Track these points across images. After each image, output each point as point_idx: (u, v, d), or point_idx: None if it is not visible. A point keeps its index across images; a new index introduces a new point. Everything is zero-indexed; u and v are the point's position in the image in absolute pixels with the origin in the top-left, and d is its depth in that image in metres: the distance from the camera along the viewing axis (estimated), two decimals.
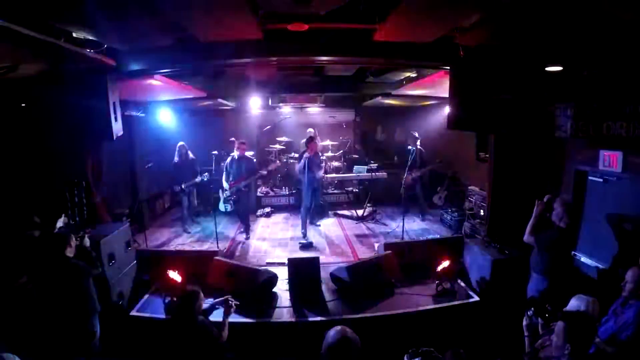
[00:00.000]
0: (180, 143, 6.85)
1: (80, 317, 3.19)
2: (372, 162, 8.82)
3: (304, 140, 6.87)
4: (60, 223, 4.22)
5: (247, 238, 6.56)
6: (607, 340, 2.45)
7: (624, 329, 2.44)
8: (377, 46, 3.90)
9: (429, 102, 8.38)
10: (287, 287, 4.48)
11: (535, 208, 3.59)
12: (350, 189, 8.79)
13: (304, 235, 6.38)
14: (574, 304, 2.49)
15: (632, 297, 2.52)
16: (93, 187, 5.25)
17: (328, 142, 9.19)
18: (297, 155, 8.79)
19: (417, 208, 7.60)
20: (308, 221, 6.47)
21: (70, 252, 3.25)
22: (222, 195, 6.50)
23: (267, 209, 8.16)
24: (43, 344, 2.99)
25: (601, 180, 4.04)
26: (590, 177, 4.20)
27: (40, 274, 3.16)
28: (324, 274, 4.62)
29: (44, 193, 4.58)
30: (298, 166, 6.46)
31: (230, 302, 3.27)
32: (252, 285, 4.30)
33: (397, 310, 4.13)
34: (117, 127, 4.10)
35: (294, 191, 8.53)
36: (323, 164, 6.83)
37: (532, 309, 2.55)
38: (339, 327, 1.80)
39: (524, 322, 2.57)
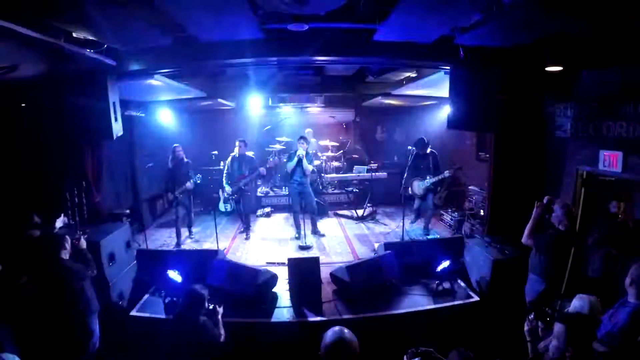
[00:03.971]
0: (175, 145, 6.33)
1: (76, 317, 3.19)
2: (372, 162, 8.83)
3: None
4: (59, 223, 4.22)
5: (247, 238, 6.56)
6: (601, 340, 2.45)
7: (615, 329, 2.43)
8: (377, 46, 3.90)
9: (429, 102, 8.39)
10: (287, 287, 4.48)
11: (535, 210, 3.57)
12: (350, 189, 8.79)
13: (298, 238, 6.35)
14: (576, 304, 2.49)
15: (631, 295, 2.51)
16: (93, 187, 5.26)
17: (328, 142, 9.19)
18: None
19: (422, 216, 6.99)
20: (303, 225, 6.27)
21: (65, 254, 3.25)
22: (222, 195, 6.49)
23: (267, 209, 8.16)
24: (42, 344, 2.99)
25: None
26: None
27: (37, 275, 3.16)
28: (324, 274, 4.61)
29: (44, 193, 4.58)
30: (288, 164, 6.25)
31: (217, 305, 3.28)
32: (252, 285, 4.30)
33: (397, 310, 4.13)
34: (117, 127, 4.10)
35: None
36: (312, 167, 6.32)
37: (533, 313, 2.55)
38: (336, 328, 1.80)
39: (526, 327, 2.57)
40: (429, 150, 6.42)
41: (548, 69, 4.05)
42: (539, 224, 3.53)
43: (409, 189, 6.54)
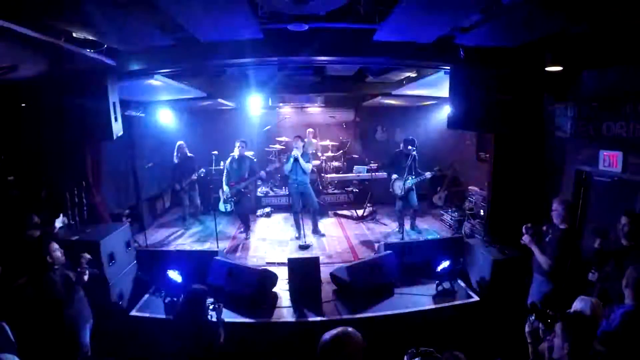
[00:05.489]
0: (179, 142, 7.07)
1: (65, 326, 3.14)
2: (372, 162, 8.82)
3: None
4: (59, 223, 4.21)
5: (247, 238, 6.56)
6: (598, 340, 2.45)
7: (610, 330, 2.43)
8: (377, 46, 3.90)
9: (429, 102, 8.39)
10: (287, 287, 4.48)
11: (528, 238, 3.50)
12: (350, 189, 8.79)
13: (298, 238, 6.37)
14: (577, 305, 2.48)
15: (627, 297, 2.50)
16: (93, 187, 5.25)
17: (328, 142, 9.19)
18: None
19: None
20: (303, 225, 6.34)
21: (54, 258, 3.18)
22: (222, 196, 6.50)
23: (267, 209, 8.16)
24: (40, 346, 2.97)
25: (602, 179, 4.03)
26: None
27: (34, 277, 3.14)
28: (324, 274, 4.61)
29: (44, 193, 4.58)
30: (285, 166, 6.36)
31: (218, 305, 3.25)
32: (252, 285, 4.30)
33: (397, 310, 4.13)
34: (117, 127, 4.10)
35: None
36: (311, 165, 6.47)
37: (534, 314, 2.54)
38: (340, 328, 1.76)
39: (527, 329, 2.56)
40: (414, 152, 6.37)
41: (548, 69, 4.05)
42: (539, 240, 3.49)
43: (390, 188, 6.58)
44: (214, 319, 3.14)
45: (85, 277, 3.28)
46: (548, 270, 3.33)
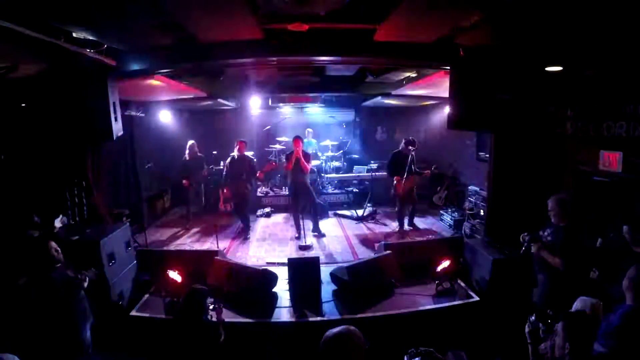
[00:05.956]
0: (191, 142, 7.17)
1: (67, 325, 3.13)
2: (372, 162, 8.83)
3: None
4: (58, 223, 4.21)
5: (247, 238, 6.56)
6: (598, 341, 2.44)
7: (609, 330, 2.43)
8: (377, 46, 3.90)
9: (429, 102, 8.39)
10: (287, 287, 4.48)
11: (536, 246, 3.44)
12: (350, 189, 8.79)
13: (298, 238, 6.39)
14: (578, 306, 2.48)
15: (628, 297, 2.50)
16: (93, 187, 5.25)
17: (328, 142, 9.19)
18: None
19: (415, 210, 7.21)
20: (303, 225, 6.38)
21: (51, 257, 3.16)
22: (222, 195, 6.51)
23: (267, 209, 8.16)
24: (40, 346, 2.97)
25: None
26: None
27: (35, 277, 3.14)
28: (324, 274, 4.61)
29: (44, 193, 4.58)
30: (285, 165, 6.42)
31: (218, 305, 3.23)
32: (252, 285, 4.30)
33: (397, 310, 4.12)
34: (117, 127, 4.10)
35: None
36: (310, 165, 6.52)
37: (534, 315, 2.54)
38: (344, 326, 1.75)
39: (527, 329, 2.55)
40: (413, 152, 6.41)
41: (548, 69, 4.05)
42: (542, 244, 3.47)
43: (392, 190, 6.61)
44: (214, 319, 3.13)
45: (85, 284, 3.28)
46: (563, 270, 3.29)
